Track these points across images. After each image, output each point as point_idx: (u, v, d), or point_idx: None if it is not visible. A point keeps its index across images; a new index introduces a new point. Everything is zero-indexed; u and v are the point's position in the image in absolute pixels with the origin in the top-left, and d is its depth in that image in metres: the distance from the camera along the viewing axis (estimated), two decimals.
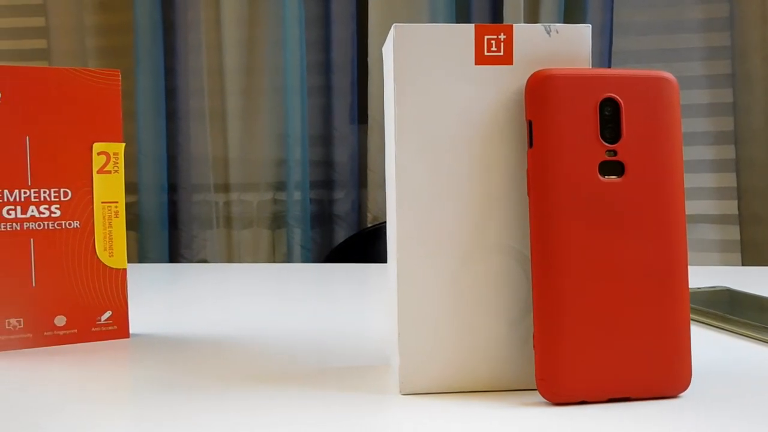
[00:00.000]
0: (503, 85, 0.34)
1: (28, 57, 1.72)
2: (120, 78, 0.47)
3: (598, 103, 0.33)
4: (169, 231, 1.58)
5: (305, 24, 1.53)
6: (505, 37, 0.34)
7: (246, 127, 1.56)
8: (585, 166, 0.33)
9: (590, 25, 0.35)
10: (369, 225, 1.53)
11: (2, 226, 0.44)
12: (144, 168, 1.55)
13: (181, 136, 1.56)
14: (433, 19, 1.47)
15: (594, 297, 0.33)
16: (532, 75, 0.33)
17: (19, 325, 0.45)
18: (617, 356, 0.33)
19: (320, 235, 1.58)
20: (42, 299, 0.45)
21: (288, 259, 1.53)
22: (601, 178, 0.33)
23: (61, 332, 0.46)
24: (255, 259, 1.56)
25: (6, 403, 0.34)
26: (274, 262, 1.57)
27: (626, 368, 0.33)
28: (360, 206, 1.57)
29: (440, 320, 0.35)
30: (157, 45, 1.54)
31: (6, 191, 0.44)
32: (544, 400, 0.33)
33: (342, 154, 1.55)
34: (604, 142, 0.33)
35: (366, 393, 0.35)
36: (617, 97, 0.33)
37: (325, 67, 1.55)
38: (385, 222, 1.39)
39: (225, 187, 1.57)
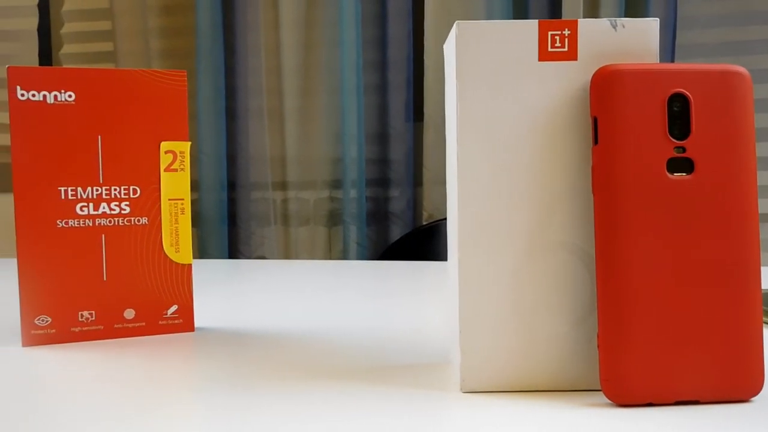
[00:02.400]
0: (567, 81, 0.34)
1: (96, 59, 1.79)
2: (186, 78, 0.48)
3: (667, 99, 0.32)
4: (229, 228, 1.62)
5: (361, 22, 1.54)
6: (569, 32, 0.34)
7: (303, 126, 1.58)
8: (652, 163, 0.32)
9: (658, 20, 0.34)
10: (424, 223, 1.53)
11: (76, 222, 0.46)
12: (204, 166, 1.58)
13: (241, 135, 1.59)
14: (490, 15, 1.45)
15: (661, 296, 0.32)
16: (597, 70, 0.33)
17: (92, 317, 0.47)
18: (685, 357, 0.32)
19: (376, 233, 1.58)
20: (113, 293, 0.47)
21: (344, 256, 1.55)
22: (670, 175, 0.32)
23: (130, 325, 0.48)
24: (311, 256, 1.58)
25: (78, 392, 0.36)
26: (330, 259, 1.58)
27: (695, 370, 0.32)
28: (415, 204, 1.57)
29: (502, 318, 0.34)
30: (218, 46, 1.57)
31: (79, 188, 0.46)
32: (609, 402, 0.33)
33: (398, 152, 1.55)
34: (672, 139, 0.32)
35: (427, 390, 0.35)
36: (686, 92, 0.32)
37: (381, 66, 1.55)
38: (440, 220, 1.38)
39: (283, 185, 1.60)
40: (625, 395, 0.32)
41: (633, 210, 0.32)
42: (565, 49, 0.34)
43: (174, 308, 0.49)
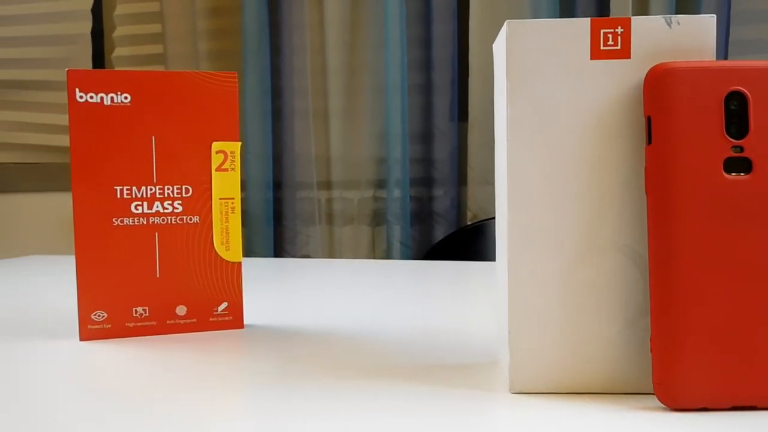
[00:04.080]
0: (620, 79, 0.33)
1: (146, 62, 1.83)
2: (237, 80, 0.49)
3: (724, 97, 0.31)
4: (274, 227, 1.64)
5: (406, 22, 1.54)
6: (622, 30, 0.33)
7: (348, 126, 1.59)
8: (708, 163, 0.31)
9: (714, 16, 0.33)
10: (468, 223, 1.52)
11: (130, 221, 0.47)
12: (251, 166, 1.61)
13: (286, 135, 1.61)
14: (536, 14, 1.44)
15: (717, 299, 0.31)
16: (651, 69, 0.32)
17: (145, 313, 0.48)
18: (742, 362, 0.31)
19: (419, 233, 1.58)
20: (165, 290, 0.48)
21: (387, 255, 1.55)
22: (726, 175, 0.31)
23: (182, 321, 0.49)
24: (355, 255, 1.59)
25: (132, 385, 0.37)
26: (373, 258, 1.59)
27: (752, 375, 0.31)
28: (459, 204, 1.57)
29: (552, 319, 0.34)
30: (264, 47, 1.59)
31: (134, 188, 0.47)
32: (662, 406, 0.32)
33: (442, 152, 1.55)
34: (729, 138, 0.31)
35: (475, 390, 0.35)
36: (744, 90, 0.31)
37: (426, 65, 1.55)
38: (484, 220, 1.38)
39: (327, 185, 1.61)
40: (678, 399, 0.31)
41: (688, 211, 0.31)
42: (618, 47, 0.33)
43: (224, 305, 0.50)
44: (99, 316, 0.47)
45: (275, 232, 1.64)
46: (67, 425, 0.31)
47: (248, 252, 1.62)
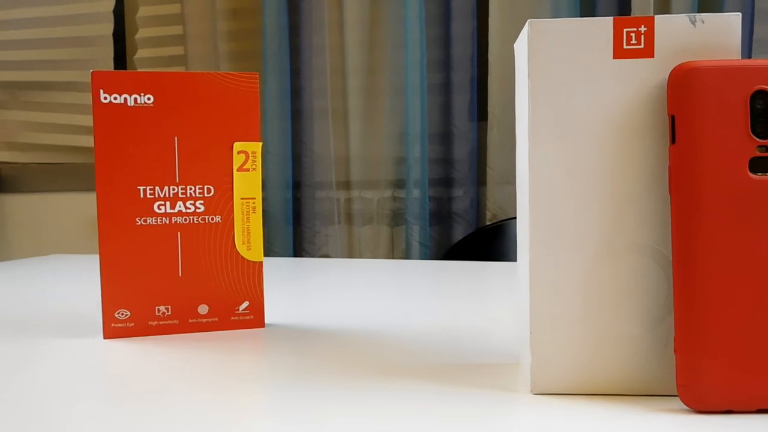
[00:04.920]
0: (643, 78, 0.33)
1: (168, 63, 1.85)
2: (258, 80, 0.49)
3: (750, 96, 0.31)
4: (293, 227, 1.65)
5: (425, 21, 1.54)
6: (645, 29, 0.33)
7: (367, 126, 1.59)
8: (733, 163, 0.31)
9: (740, 14, 0.33)
10: (488, 223, 1.52)
11: (153, 220, 0.48)
12: (270, 166, 1.61)
13: (305, 135, 1.62)
14: (556, 13, 1.43)
15: (742, 300, 0.31)
16: (675, 67, 0.32)
17: (168, 312, 0.48)
18: (767, 363, 0.31)
19: (438, 233, 1.58)
20: (187, 289, 0.49)
21: (406, 255, 1.55)
22: (752, 175, 0.31)
23: (204, 320, 0.49)
24: (374, 255, 1.59)
25: (154, 383, 0.37)
26: (392, 258, 1.59)
27: None
28: (479, 204, 1.56)
29: (574, 319, 0.34)
30: (284, 47, 1.60)
31: (157, 188, 0.48)
32: (686, 408, 0.32)
33: (461, 152, 1.54)
34: (755, 138, 0.31)
35: (496, 391, 0.35)
36: None
37: (445, 65, 1.55)
38: (504, 220, 1.37)
39: (346, 185, 1.61)
40: (703, 401, 0.31)
41: (712, 211, 0.31)
42: (641, 46, 0.33)
43: (245, 304, 0.50)
44: (122, 314, 0.48)
45: (294, 232, 1.65)
46: (91, 421, 0.31)
47: (267, 252, 1.62)
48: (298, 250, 1.65)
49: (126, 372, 0.39)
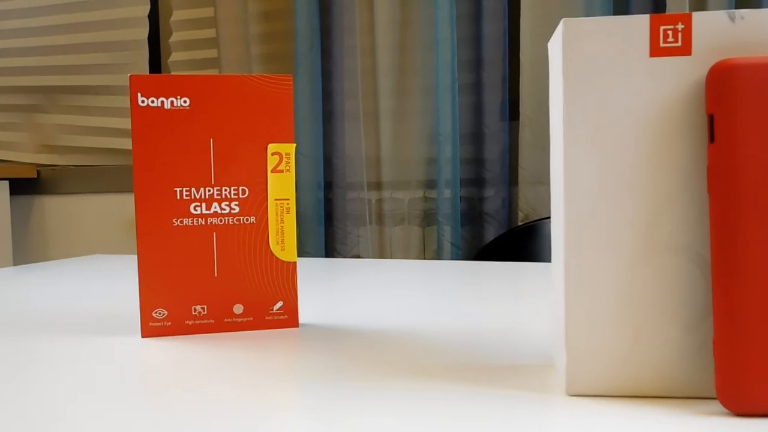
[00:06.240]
0: (680, 77, 0.33)
1: (201, 66, 1.87)
2: (292, 82, 0.50)
3: None
4: (325, 227, 1.65)
5: (456, 22, 1.53)
6: (683, 26, 0.32)
7: (398, 127, 1.59)
8: None
9: None
10: (520, 223, 1.51)
11: (190, 221, 0.49)
12: (302, 167, 1.63)
13: (337, 137, 1.63)
14: (589, 12, 1.42)
15: None
16: (714, 65, 0.31)
17: (204, 311, 0.49)
18: None
19: (470, 233, 1.58)
20: (223, 289, 0.49)
21: (438, 256, 1.55)
22: None
23: (239, 320, 0.50)
24: (406, 256, 1.59)
25: (191, 381, 0.38)
26: (424, 258, 1.59)
27: None
28: (510, 204, 1.56)
29: (610, 321, 0.34)
30: (315, 49, 1.61)
31: (193, 189, 0.49)
32: (725, 411, 0.31)
33: (493, 152, 1.54)
34: None
35: (531, 392, 0.35)
36: None
37: (476, 65, 1.54)
38: (536, 220, 1.36)
39: (378, 185, 1.62)
40: (743, 404, 0.31)
41: (752, 211, 0.30)
42: (679, 44, 0.33)
43: (279, 304, 0.50)
44: (160, 313, 0.48)
45: (326, 233, 1.66)
46: (130, 419, 0.32)
47: (299, 252, 1.64)
48: (329, 250, 1.66)
49: (165, 369, 0.40)
